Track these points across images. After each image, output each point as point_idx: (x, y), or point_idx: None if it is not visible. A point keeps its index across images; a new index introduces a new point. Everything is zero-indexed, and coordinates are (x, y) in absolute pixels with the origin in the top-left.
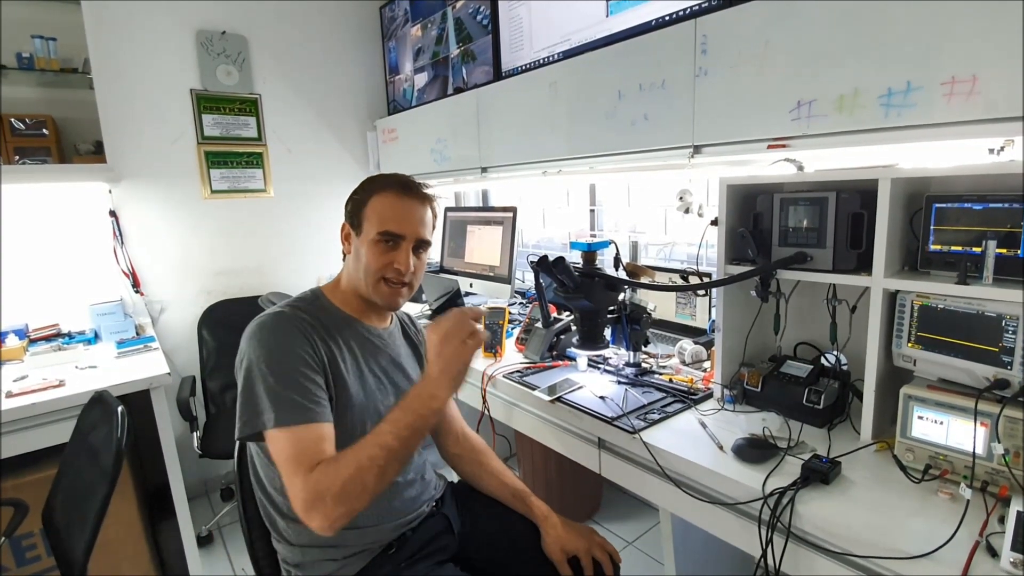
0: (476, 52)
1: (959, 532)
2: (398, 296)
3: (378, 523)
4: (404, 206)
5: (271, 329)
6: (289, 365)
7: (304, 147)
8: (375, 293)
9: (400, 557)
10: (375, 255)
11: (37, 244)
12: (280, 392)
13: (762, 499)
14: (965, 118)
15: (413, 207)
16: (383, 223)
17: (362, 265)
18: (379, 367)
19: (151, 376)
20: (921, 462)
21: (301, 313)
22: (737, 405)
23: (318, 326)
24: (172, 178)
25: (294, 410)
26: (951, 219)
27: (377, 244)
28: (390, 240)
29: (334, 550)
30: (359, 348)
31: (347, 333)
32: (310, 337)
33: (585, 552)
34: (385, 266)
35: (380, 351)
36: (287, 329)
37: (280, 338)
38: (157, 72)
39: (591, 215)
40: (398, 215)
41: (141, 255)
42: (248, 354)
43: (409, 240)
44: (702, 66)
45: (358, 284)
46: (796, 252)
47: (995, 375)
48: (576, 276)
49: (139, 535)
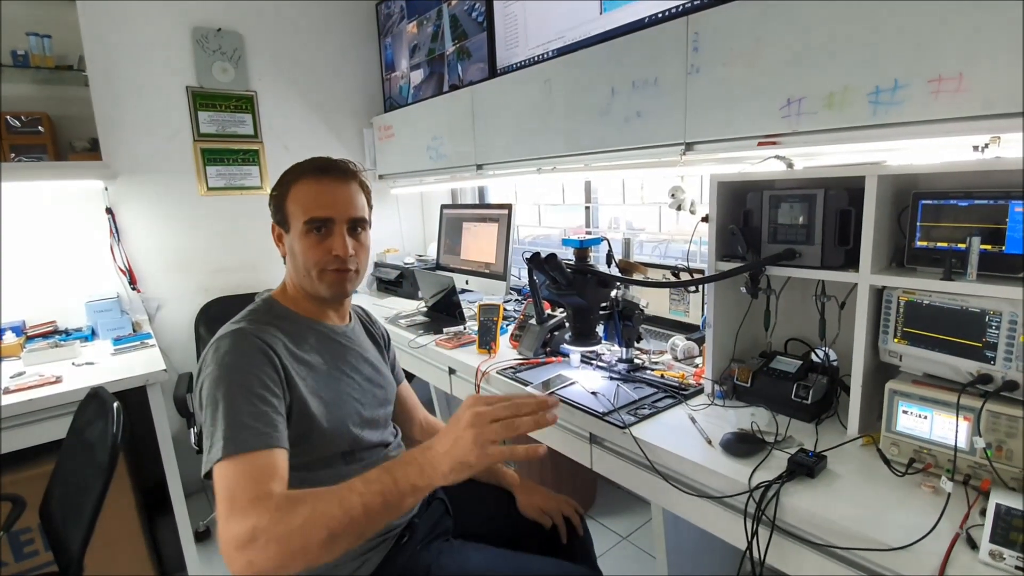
0: (471, 49)
1: (940, 525)
2: (345, 282)
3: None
4: (325, 188)
5: (227, 351)
6: (244, 388)
7: (300, 144)
8: (320, 286)
9: (413, 544)
10: (308, 247)
11: (34, 241)
12: (232, 419)
13: (747, 492)
14: (951, 115)
15: (335, 187)
16: (307, 211)
17: (299, 261)
18: (349, 366)
19: (147, 372)
20: (905, 456)
21: (262, 326)
22: (727, 400)
23: (280, 336)
24: (168, 175)
25: (246, 437)
26: (937, 216)
27: (308, 235)
28: (320, 227)
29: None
30: (326, 351)
31: (311, 337)
32: (269, 353)
33: (556, 510)
34: (322, 256)
35: (347, 349)
36: (243, 349)
37: (236, 359)
38: (153, 69)
39: (587, 212)
40: (321, 199)
41: (138, 252)
42: (203, 379)
43: (340, 222)
44: (694, 63)
45: (302, 282)
46: (785, 249)
47: (978, 370)
48: (568, 273)
49: (136, 531)
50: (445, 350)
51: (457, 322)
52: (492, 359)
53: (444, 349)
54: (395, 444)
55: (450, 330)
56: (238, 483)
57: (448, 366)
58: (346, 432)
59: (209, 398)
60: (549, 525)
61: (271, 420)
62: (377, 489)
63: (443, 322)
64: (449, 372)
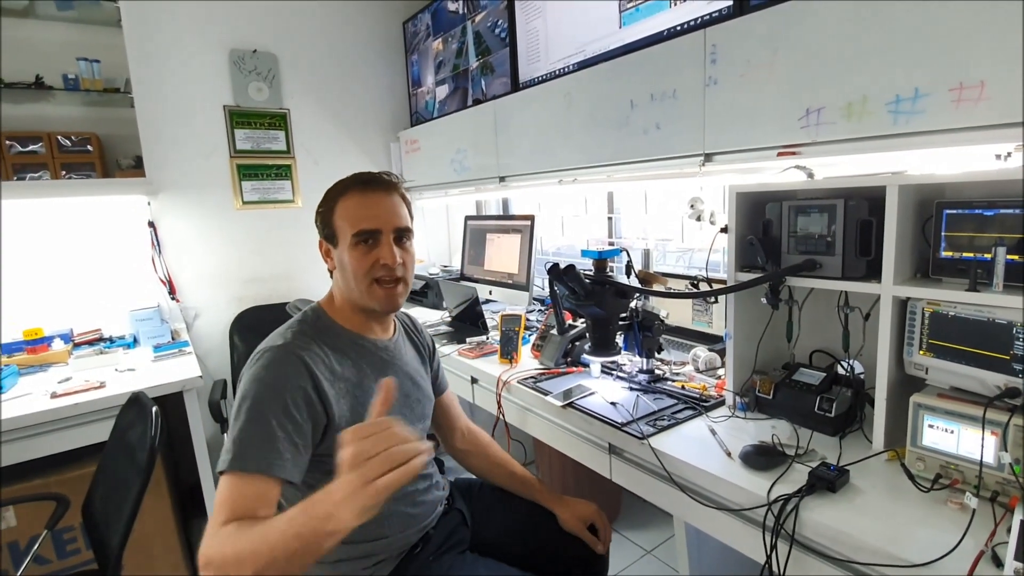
0: (494, 64)
1: (964, 542)
2: (395, 296)
3: (404, 530)
4: (370, 201)
5: (264, 365)
6: (266, 408)
7: (330, 158)
8: (370, 298)
9: (426, 554)
10: (357, 258)
11: (82, 254)
12: (244, 436)
13: (767, 505)
14: (973, 124)
15: (380, 199)
16: (355, 224)
17: (349, 273)
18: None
19: (185, 379)
20: (931, 471)
21: (307, 340)
22: (749, 412)
23: (322, 352)
24: (206, 190)
25: (249, 457)
26: (961, 225)
27: (356, 247)
28: (368, 239)
29: (365, 560)
30: (367, 366)
31: (355, 353)
32: (305, 374)
33: (597, 517)
34: (372, 266)
35: (388, 364)
36: (280, 368)
37: (269, 376)
38: (193, 90)
39: (609, 222)
40: (367, 211)
41: (177, 263)
42: (240, 387)
43: (387, 232)
44: (712, 75)
45: (351, 295)
46: (805, 259)
47: (1006, 383)
48: (587, 283)
49: (172, 531)
50: (468, 359)
51: (480, 332)
52: (513, 369)
53: (467, 358)
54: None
55: (473, 340)
56: (225, 500)
57: (471, 375)
58: None
59: (236, 408)
60: (599, 547)
61: (280, 447)
62: (294, 532)
63: (466, 332)
64: (472, 381)
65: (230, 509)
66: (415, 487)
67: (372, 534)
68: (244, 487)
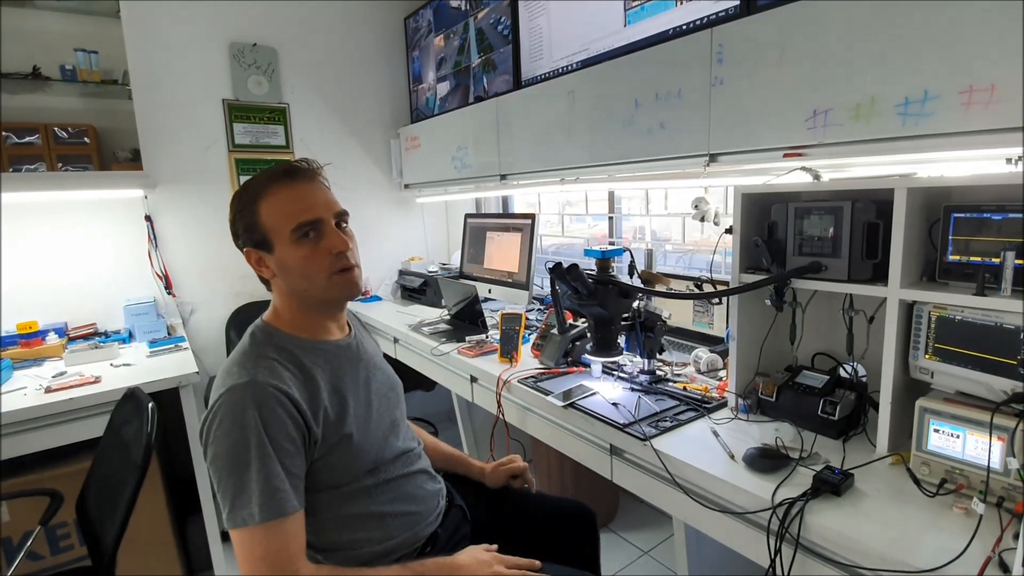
0: (497, 61)
1: (971, 548)
2: (356, 280)
3: (411, 529)
4: (300, 191)
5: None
6: (269, 448)
7: (329, 155)
8: (332, 290)
9: (434, 554)
10: (306, 255)
11: (78, 247)
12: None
13: (771, 509)
14: (983, 127)
15: (309, 188)
16: (292, 218)
17: (298, 273)
18: (362, 381)
19: (180, 375)
20: (937, 476)
21: (272, 369)
22: (751, 415)
23: (289, 374)
24: (204, 184)
25: (281, 499)
26: (969, 229)
27: (300, 243)
28: (309, 231)
29: (374, 562)
30: (338, 371)
31: (322, 360)
32: (287, 403)
33: (522, 471)
34: (324, 258)
35: (358, 362)
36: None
37: (258, 416)
38: (191, 83)
39: (610, 222)
40: (301, 203)
41: (174, 258)
42: (222, 434)
43: (328, 220)
44: (718, 75)
45: (305, 296)
46: (811, 262)
47: (1013, 388)
48: (589, 283)
49: (167, 528)
50: (467, 358)
51: (479, 330)
52: (514, 368)
53: (466, 357)
54: (417, 452)
55: (472, 338)
56: (268, 553)
57: (470, 374)
58: (373, 446)
59: (236, 457)
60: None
61: (296, 478)
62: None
63: (466, 330)
64: (471, 380)
65: (272, 561)
66: (415, 480)
67: (378, 537)
68: (283, 533)
